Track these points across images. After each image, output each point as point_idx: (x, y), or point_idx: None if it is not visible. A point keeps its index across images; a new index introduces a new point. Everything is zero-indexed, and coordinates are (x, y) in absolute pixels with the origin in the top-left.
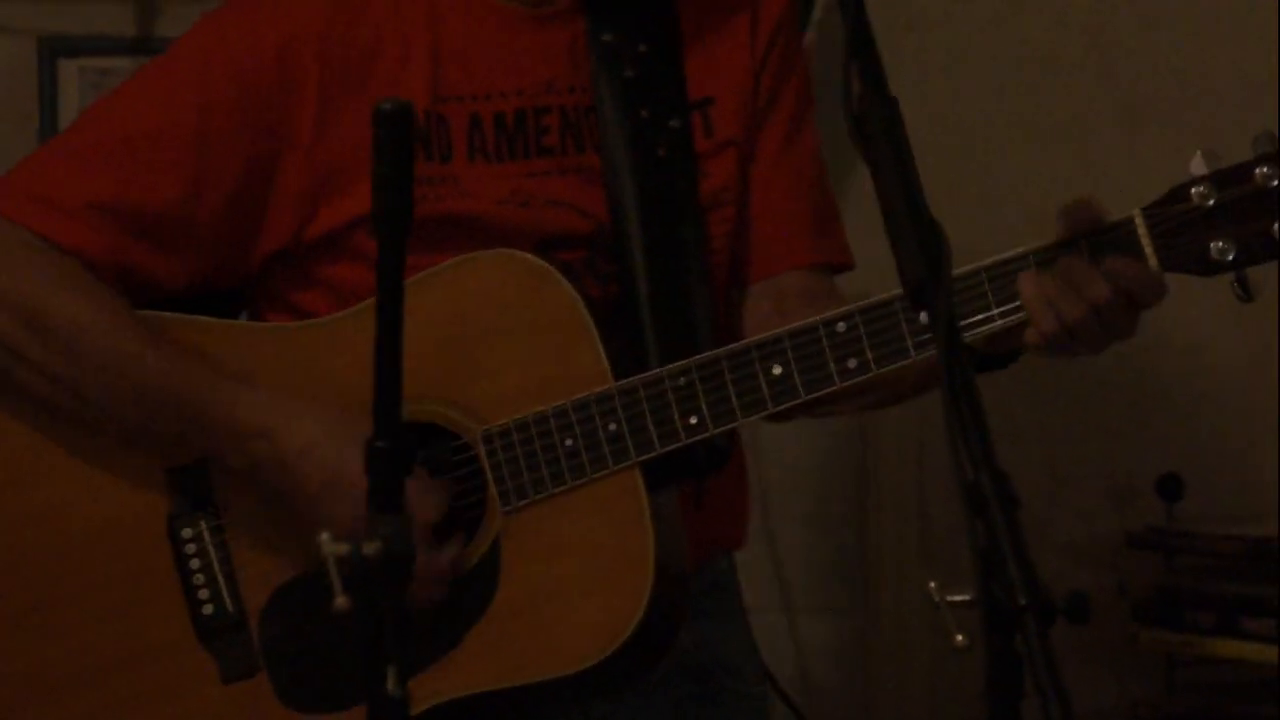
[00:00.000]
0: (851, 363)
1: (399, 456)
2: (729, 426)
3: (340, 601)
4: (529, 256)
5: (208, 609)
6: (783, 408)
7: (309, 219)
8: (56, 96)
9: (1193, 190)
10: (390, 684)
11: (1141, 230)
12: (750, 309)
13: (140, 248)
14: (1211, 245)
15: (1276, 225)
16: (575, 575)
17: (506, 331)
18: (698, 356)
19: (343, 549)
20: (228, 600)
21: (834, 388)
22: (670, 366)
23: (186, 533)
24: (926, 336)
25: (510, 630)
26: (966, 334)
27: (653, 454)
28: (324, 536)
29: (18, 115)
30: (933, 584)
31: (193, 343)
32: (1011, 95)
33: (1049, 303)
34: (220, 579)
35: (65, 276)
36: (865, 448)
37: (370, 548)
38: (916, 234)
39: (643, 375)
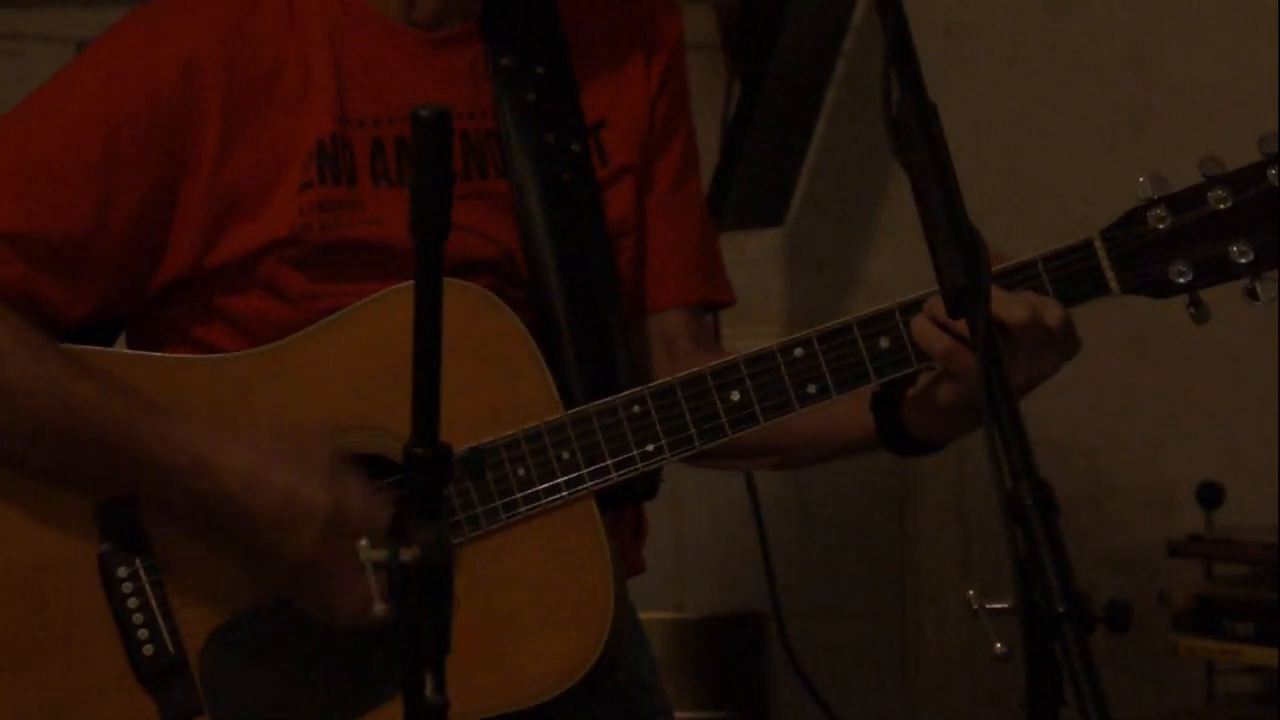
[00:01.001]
0: (811, 388)
1: (438, 463)
2: (687, 453)
3: (379, 609)
4: (471, 285)
5: (148, 649)
6: (741, 432)
7: (211, 245)
8: None
9: (1149, 213)
10: (429, 690)
11: (1101, 254)
12: (641, 349)
13: (46, 278)
14: (1170, 268)
15: (1232, 249)
16: (533, 607)
17: (450, 360)
18: (651, 384)
19: (380, 555)
20: (168, 640)
21: (793, 412)
22: (623, 395)
23: (121, 571)
24: (888, 361)
25: (468, 664)
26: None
27: (608, 482)
28: (362, 543)
29: None
30: (972, 592)
31: (120, 377)
32: (1051, 101)
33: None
34: (159, 619)
35: None
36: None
37: (408, 554)
38: (955, 240)
39: (595, 404)
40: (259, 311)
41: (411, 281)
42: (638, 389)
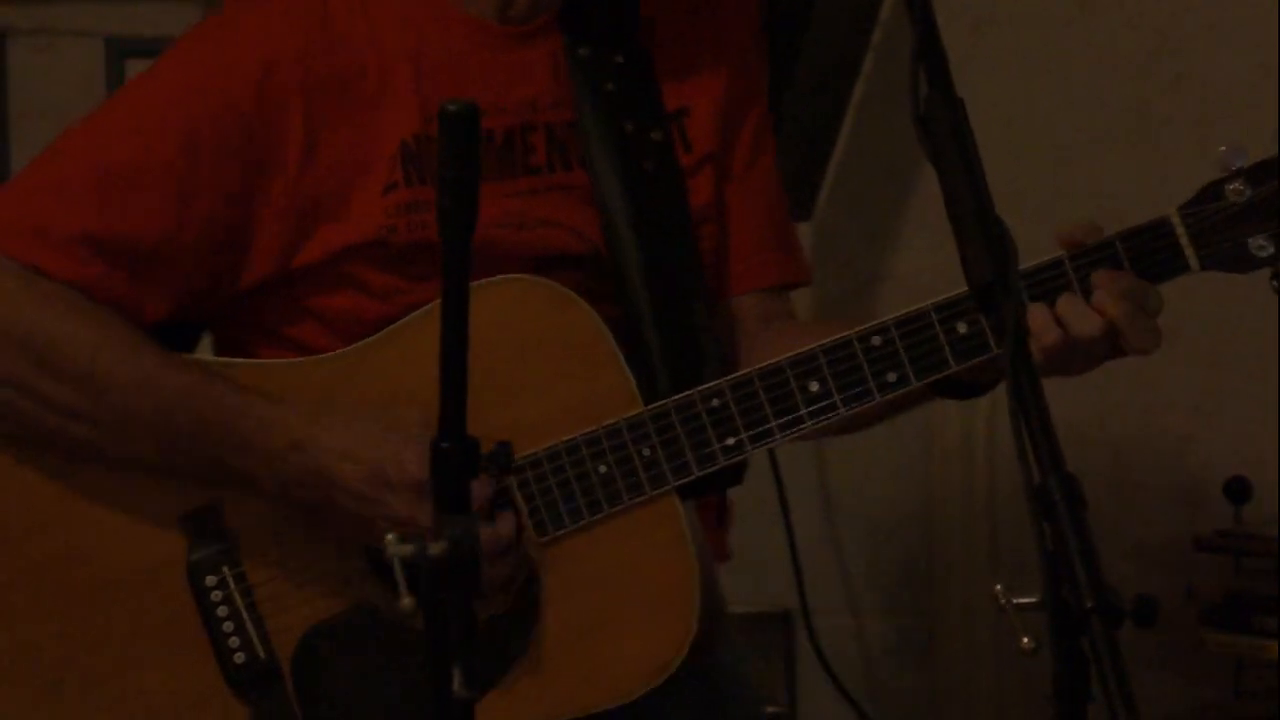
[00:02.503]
0: (891, 376)
1: (464, 458)
2: (768, 445)
3: (406, 602)
4: (547, 282)
5: (239, 657)
6: (821, 424)
7: (296, 247)
8: None
9: (1227, 187)
10: (456, 685)
11: (1179, 230)
12: (722, 334)
13: (127, 280)
14: (1250, 242)
15: None
16: (618, 605)
17: (531, 358)
18: (731, 376)
19: (408, 549)
20: (259, 647)
21: (873, 402)
22: (702, 388)
23: (210, 580)
24: (966, 346)
25: (555, 663)
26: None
27: (690, 478)
28: (390, 537)
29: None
30: (999, 587)
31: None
32: (1080, 97)
33: (1056, 318)
34: (249, 626)
35: (69, 307)
36: (932, 451)
37: (436, 548)
38: (983, 235)
39: (674, 398)
40: (349, 309)
41: (494, 277)
42: (716, 382)
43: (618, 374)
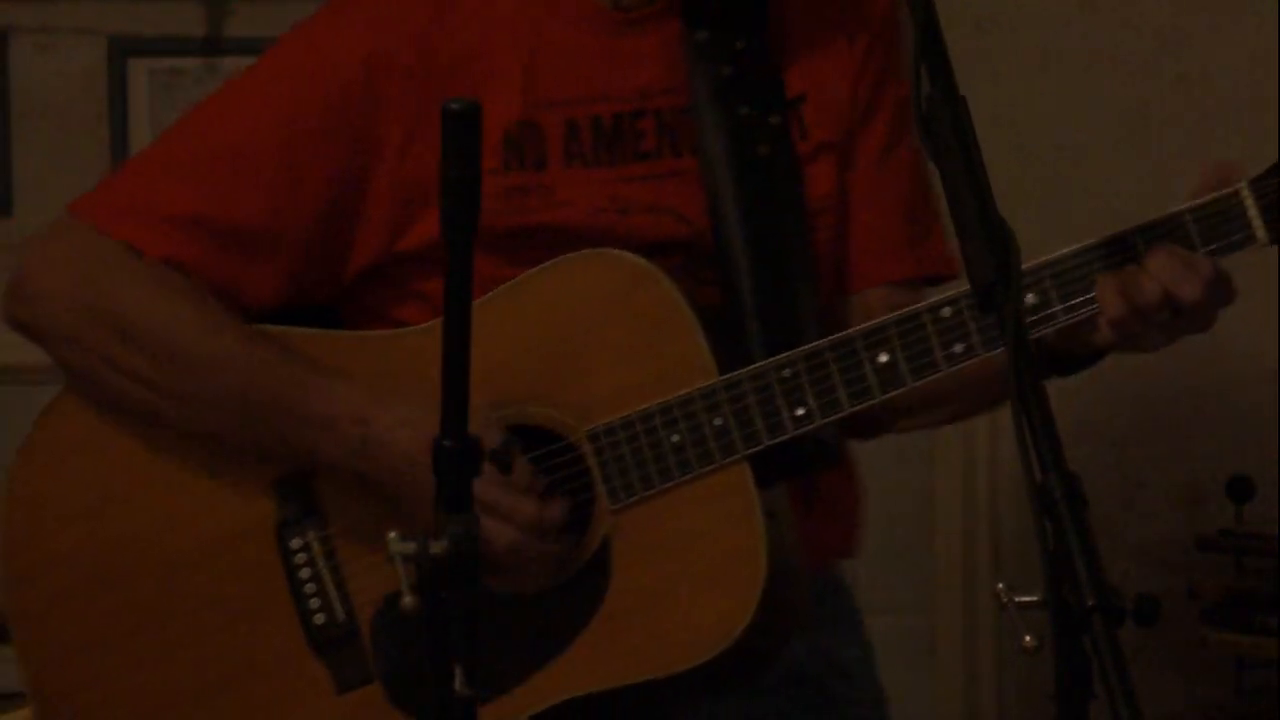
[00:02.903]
0: (958, 347)
1: (466, 457)
2: (837, 417)
3: (408, 601)
4: (627, 254)
5: (319, 618)
6: (890, 395)
7: (401, 231)
8: (126, 97)
9: None
10: (458, 684)
11: (1249, 203)
12: (844, 328)
13: (228, 260)
14: None
15: None
16: (685, 572)
17: (608, 330)
18: (802, 348)
19: (410, 548)
20: (339, 609)
21: (940, 374)
22: (775, 358)
23: (295, 543)
24: (1035, 318)
25: (622, 629)
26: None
27: (759, 447)
28: (391, 535)
29: (88, 116)
30: (1001, 585)
31: (305, 353)
32: (1081, 97)
33: (1120, 288)
34: (331, 588)
35: (155, 283)
36: (934, 447)
37: (438, 547)
38: (985, 235)
39: (747, 368)
40: None
41: (582, 251)
42: (790, 353)
43: (694, 345)
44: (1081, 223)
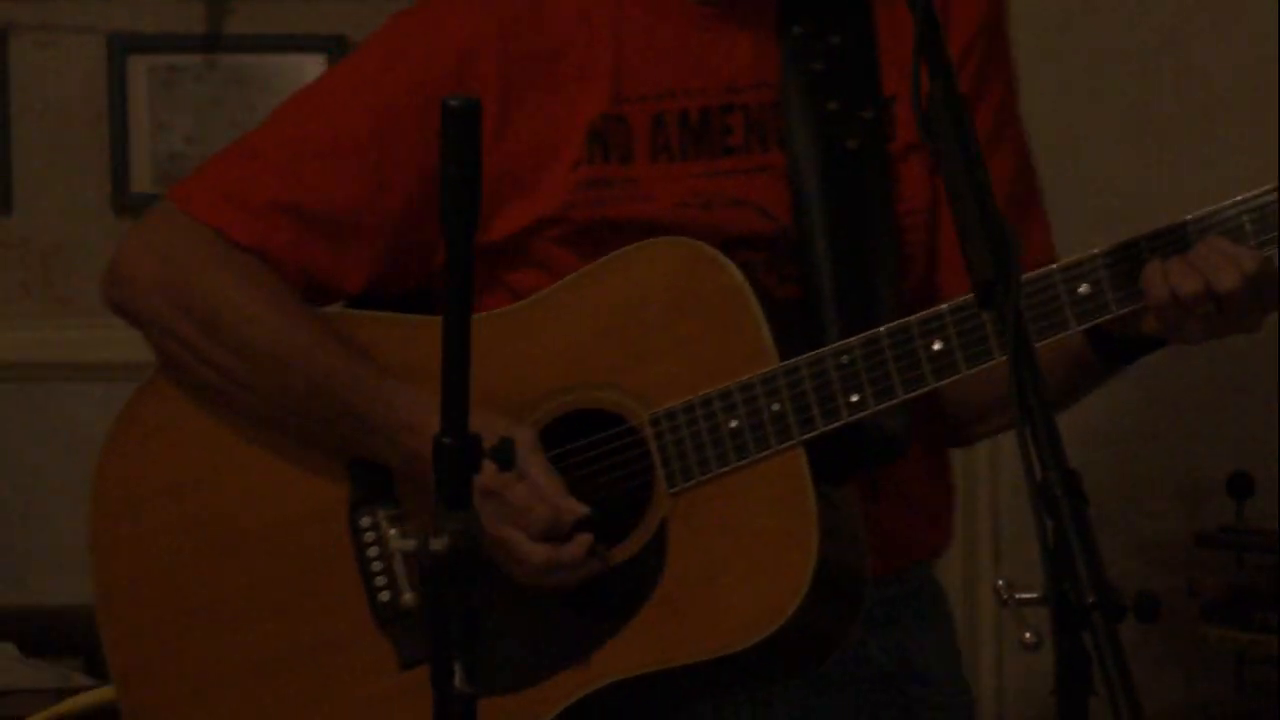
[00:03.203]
0: None
1: (466, 454)
2: (890, 403)
3: (407, 598)
4: (694, 242)
5: (384, 596)
6: (943, 382)
7: (487, 222)
8: (126, 94)
9: None
10: (458, 680)
11: None
12: None
13: (317, 247)
14: None
15: None
16: (737, 556)
17: (674, 316)
18: (862, 334)
19: (410, 545)
20: (405, 587)
21: (994, 361)
22: (834, 345)
23: (365, 521)
24: (1088, 307)
25: (675, 611)
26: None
27: (814, 432)
28: (392, 533)
29: (89, 113)
30: (1001, 581)
31: (366, 340)
32: (1084, 95)
33: (1164, 276)
34: (396, 566)
35: (240, 274)
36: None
37: (438, 544)
38: (985, 232)
39: (806, 355)
40: (535, 287)
41: (653, 239)
42: (849, 340)
43: (756, 333)
44: (1081, 221)
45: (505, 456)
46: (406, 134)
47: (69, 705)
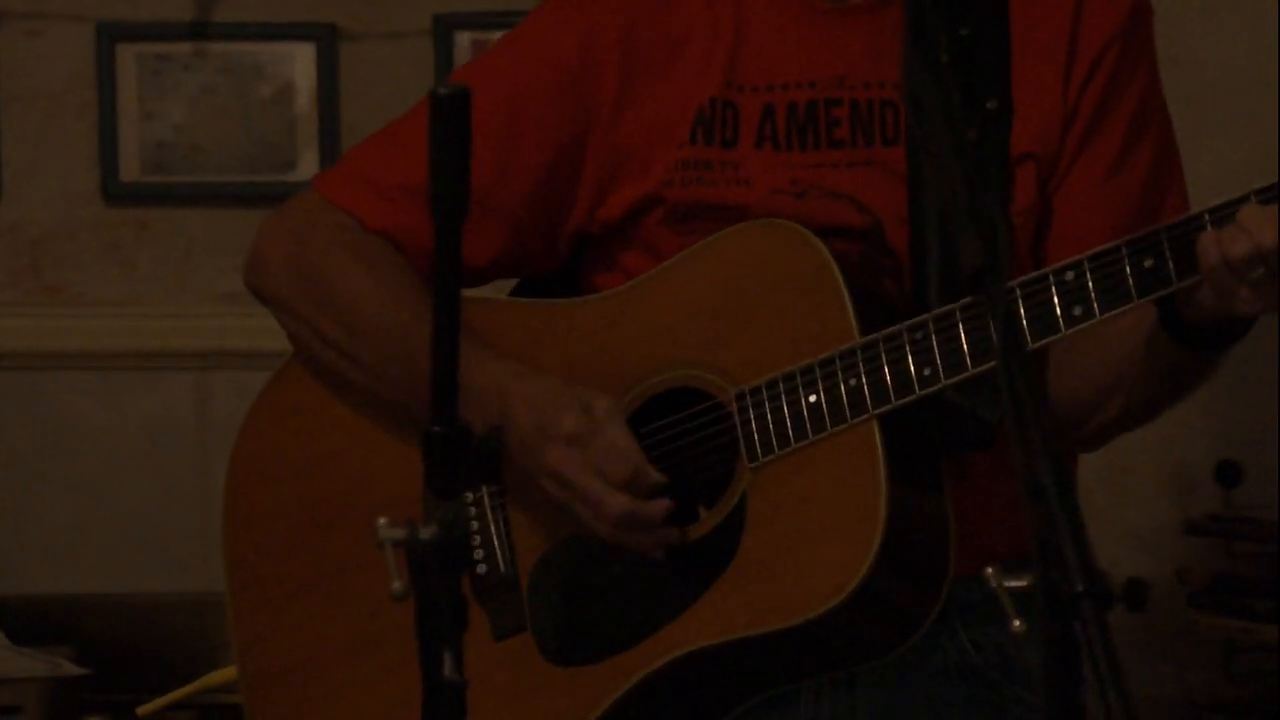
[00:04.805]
0: (1077, 310)
1: (454, 442)
2: (960, 377)
3: (396, 587)
4: (786, 222)
5: (481, 568)
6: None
7: (601, 201)
8: (115, 82)
9: None
10: (447, 669)
11: None
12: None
13: None
14: None
15: None
16: (811, 527)
17: (764, 295)
18: (936, 310)
19: (399, 533)
20: (501, 561)
21: (1058, 335)
22: (910, 321)
23: (468, 496)
24: (1150, 281)
25: (749, 582)
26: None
27: (888, 406)
28: (381, 522)
29: (77, 101)
30: (990, 569)
31: (468, 319)
32: None
33: (1217, 242)
34: (495, 541)
35: (362, 255)
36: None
37: (427, 532)
38: (974, 219)
39: (884, 330)
40: (642, 269)
41: (747, 221)
42: (925, 315)
43: (840, 309)
44: None
45: (493, 446)
46: (533, 117)
47: (197, 686)
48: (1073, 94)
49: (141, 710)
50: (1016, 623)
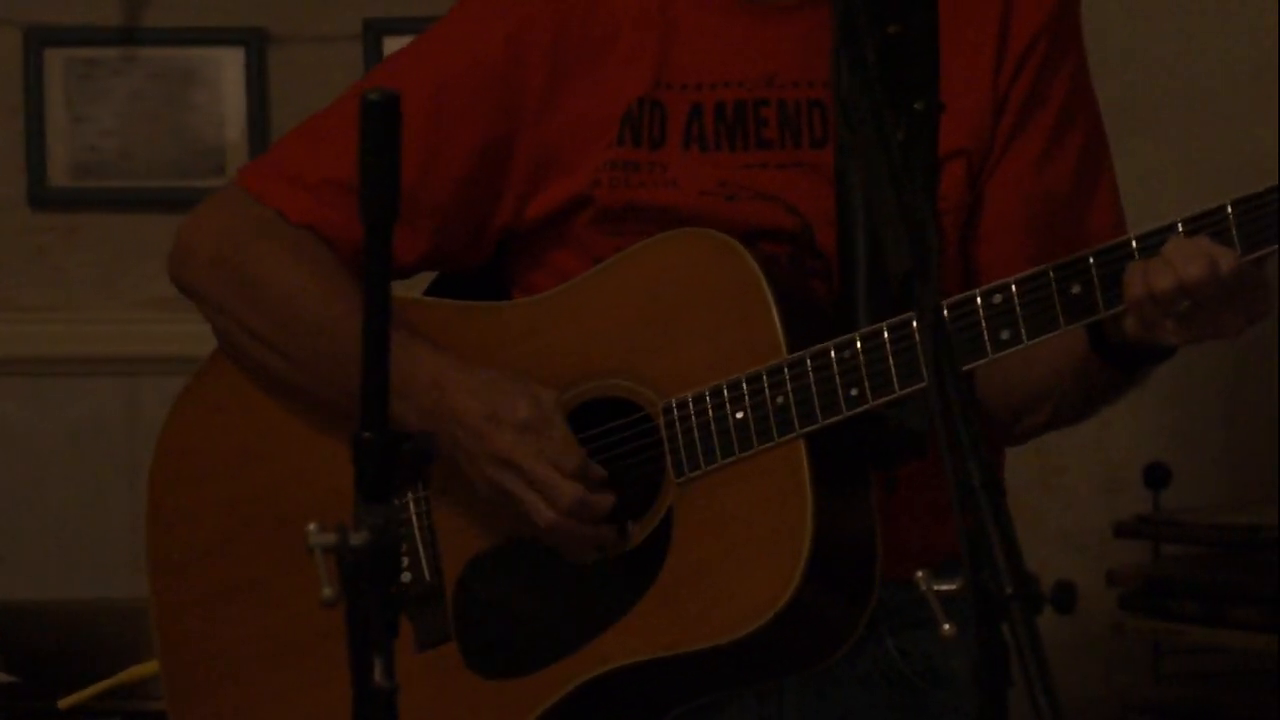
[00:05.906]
0: (1005, 334)
1: (385, 448)
2: (887, 399)
3: (327, 593)
4: (716, 233)
5: (405, 577)
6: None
7: (528, 199)
8: (43, 87)
9: None
10: (378, 675)
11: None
12: None
13: None
14: None
15: None
16: (737, 545)
17: (692, 306)
18: (864, 329)
19: (330, 539)
20: (426, 569)
21: (986, 359)
22: (839, 339)
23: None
24: (1078, 307)
25: (675, 600)
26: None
27: (814, 426)
28: (311, 527)
29: (5, 106)
30: (920, 573)
31: (416, 320)
32: None
33: (1143, 273)
34: (421, 549)
35: (289, 250)
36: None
37: (358, 538)
38: (903, 226)
39: (811, 348)
40: (575, 269)
41: (676, 230)
42: (851, 334)
43: (768, 324)
44: None
45: (426, 448)
46: (459, 114)
47: (119, 679)
48: (1003, 86)
49: (63, 704)
50: (946, 626)
